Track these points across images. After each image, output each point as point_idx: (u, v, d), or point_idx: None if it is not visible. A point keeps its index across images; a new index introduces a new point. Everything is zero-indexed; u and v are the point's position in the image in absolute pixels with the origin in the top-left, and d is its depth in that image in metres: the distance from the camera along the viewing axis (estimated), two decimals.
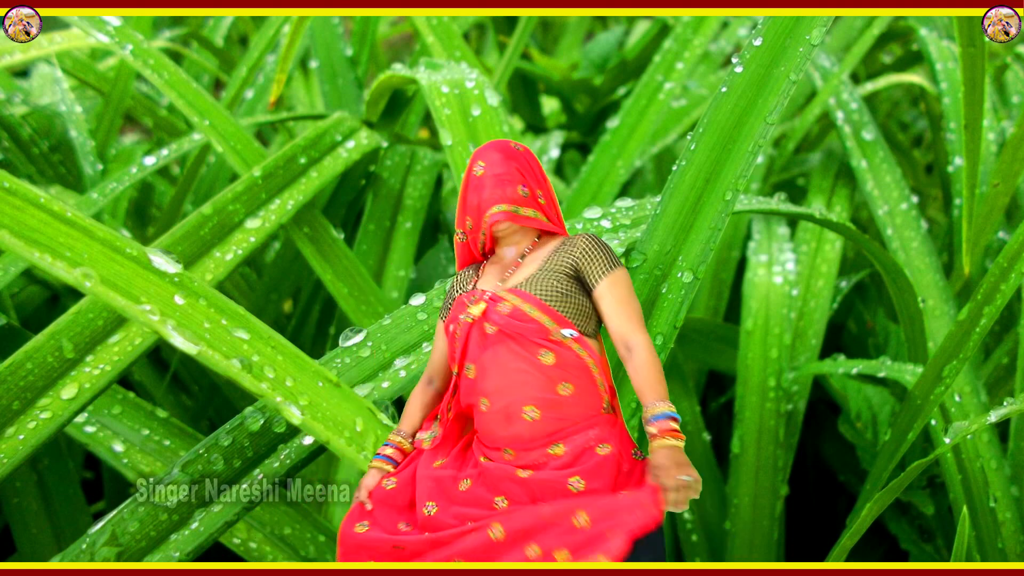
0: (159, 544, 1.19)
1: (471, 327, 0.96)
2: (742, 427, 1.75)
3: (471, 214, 0.96)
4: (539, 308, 0.94)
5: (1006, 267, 1.35)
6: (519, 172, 0.96)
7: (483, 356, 0.94)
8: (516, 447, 0.93)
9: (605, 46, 2.54)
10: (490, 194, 0.94)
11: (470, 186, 0.96)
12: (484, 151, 0.97)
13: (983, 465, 1.55)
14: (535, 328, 0.94)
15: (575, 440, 0.93)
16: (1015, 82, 2.34)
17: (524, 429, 0.93)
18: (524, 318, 0.94)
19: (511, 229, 0.97)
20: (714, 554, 1.76)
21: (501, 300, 0.95)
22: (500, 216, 0.94)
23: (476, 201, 0.95)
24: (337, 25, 2.21)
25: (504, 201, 0.94)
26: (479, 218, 0.95)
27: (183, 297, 1.10)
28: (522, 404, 0.93)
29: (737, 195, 1.20)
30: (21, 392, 1.24)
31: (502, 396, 0.93)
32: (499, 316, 0.94)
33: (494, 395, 0.94)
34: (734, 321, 1.92)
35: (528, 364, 0.93)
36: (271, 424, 1.22)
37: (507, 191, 0.94)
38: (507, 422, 0.93)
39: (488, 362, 0.94)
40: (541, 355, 0.93)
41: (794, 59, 1.20)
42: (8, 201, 1.03)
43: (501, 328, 0.94)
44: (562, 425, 0.93)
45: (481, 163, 0.95)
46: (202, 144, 1.94)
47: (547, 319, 0.94)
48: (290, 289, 2.01)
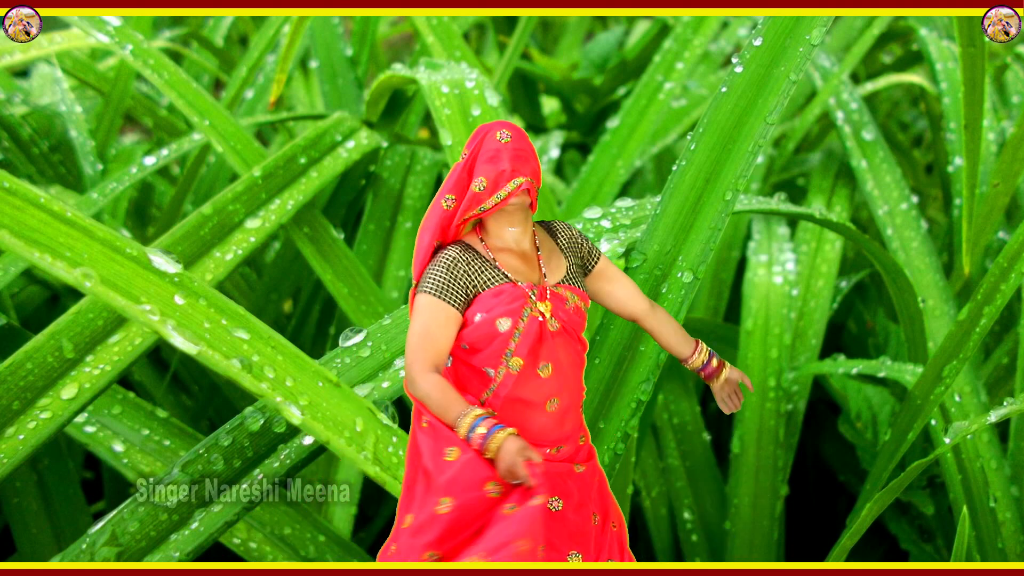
0: (159, 544, 1.19)
1: (541, 325, 0.94)
2: (742, 427, 1.75)
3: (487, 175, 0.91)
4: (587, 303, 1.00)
5: (1006, 267, 1.35)
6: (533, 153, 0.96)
7: (556, 354, 0.94)
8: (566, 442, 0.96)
9: (605, 46, 2.54)
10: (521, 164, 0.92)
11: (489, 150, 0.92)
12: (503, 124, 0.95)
13: (983, 465, 1.55)
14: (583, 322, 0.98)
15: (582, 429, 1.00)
16: (1015, 82, 2.34)
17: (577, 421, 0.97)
18: (583, 315, 0.98)
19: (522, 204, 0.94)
20: (714, 554, 1.77)
21: (565, 298, 0.96)
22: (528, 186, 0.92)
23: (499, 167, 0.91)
24: (337, 25, 2.21)
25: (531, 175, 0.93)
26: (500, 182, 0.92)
27: (183, 297, 1.10)
28: (579, 397, 0.97)
29: (737, 195, 1.20)
30: (21, 392, 1.24)
31: (570, 393, 0.95)
32: (565, 313, 0.95)
33: (565, 392, 0.95)
34: (734, 321, 1.92)
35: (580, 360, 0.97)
36: (271, 424, 1.22)
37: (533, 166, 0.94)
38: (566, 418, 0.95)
39: (562, 360, 0.94)
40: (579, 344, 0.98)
41: (794, 59, 1.20)
42: (8, 201, 1.03)
43: (564, 325, 0.95)
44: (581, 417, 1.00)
45: (507, 132, 0.93)
46: (202, 144, 1.94)
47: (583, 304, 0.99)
48: (290, 289, 2.01)
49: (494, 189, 0.92)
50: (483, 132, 0.93)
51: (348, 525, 1.60)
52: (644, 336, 1.20)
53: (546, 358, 0.94)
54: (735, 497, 1.71)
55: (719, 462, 1.83)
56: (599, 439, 1.19)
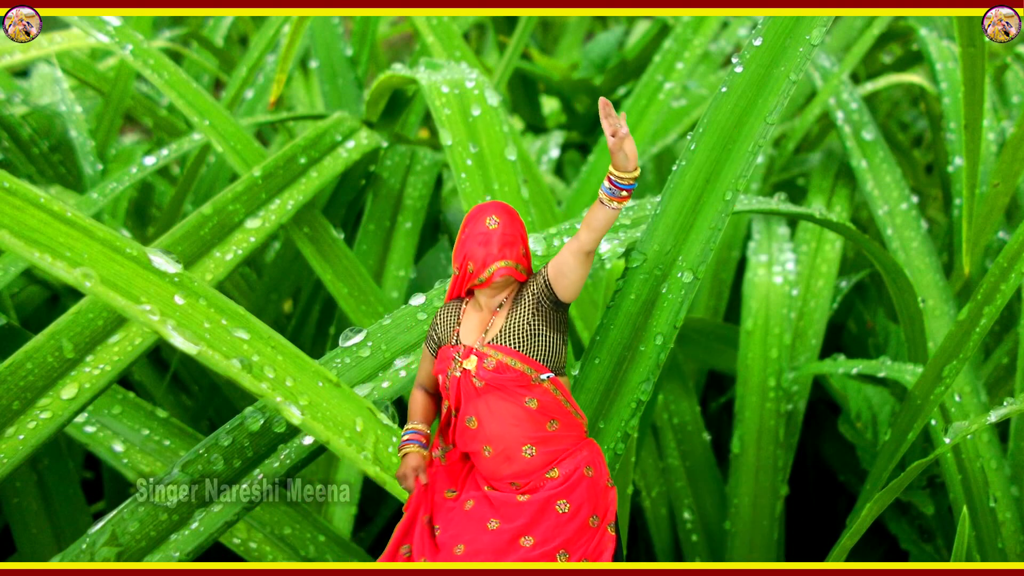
0: (159, 544, 1.19)
1: (460, 382, 1.05)
2: (742, 427, 1.75)
3: (474, 261, 1.05)
4: (519, 359, 1.04)
5: (1006, 267, 1.35)
6: (521, 235, 1.07)
7: (479, 408, 1.05)
8: (520, 479, 1.05)
9: (605, 46, 2.54)
10: (499, 250, 1.04)
11: (478, 236, 1.05)
12: (494, 208, 1.06)
13: (983, 465, 1.55)
14: (516, 376, 1.04)
15: (567, 464, 1.05)
16: (1015, 82, 2.34)
17: (525, 464, 1.05)
18: (507, 371, 1.04)
19: (504, 281, 1.06)
20: (714, 554, 1.77)
21: (486, 356, 1.05)
22: (505, 271, 1.04)
23: (483, 253, 1.04)
24: (337, 25, 2.21)
25: (510, 258, 1.05)
26: (483, 267, 1.05)
27: (183, 297, 1.10)
28: (520, 445, 1.04)
29: (737, 195, 1.20)
30: (21, 392, 1.24)
31: (501, 441, 1.04)
32: (485, 372, 1.04)
33: (495, 441, 1.04)
34: (734, 321, 1.92)
35: (518, 409, 1.04)
36: (271, 424, 1.22)
37: (513, 251, 1.05)
38: (509, 462, 1.05)
39: (483, 413, 1.05)
40: (527, 401, 1.04)
41: (794, 59, 1.20)
42: (8, 201, 1.03)
43: (488, 382, 1.04)
44: (556, 455, 1.05)
45: (495, 219, 1.05)
46: (202, 144, 1.94)
47: (526, 367, 1.04)
48: (290, 289, 2.01)
49: (481, 270, 1.04)
50: (475, 215, 1.06)
51: (348, 525, 1.60)
52: (644, 336, 1.20)
53: (470, 412, 1.05)
54: (735, 497, 1.71)
55: (719, 462, 1.83)
56: (600, 439, 1.19)
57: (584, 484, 1.04)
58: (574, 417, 1.07)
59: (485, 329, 1.07)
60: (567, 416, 1.06)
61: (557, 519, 1.03)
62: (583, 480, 1.04)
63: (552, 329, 1.06)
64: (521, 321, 1.05)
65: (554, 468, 1.04)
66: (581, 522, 1.04)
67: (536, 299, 1.05)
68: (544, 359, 1.05)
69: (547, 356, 1.05)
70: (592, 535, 1.04)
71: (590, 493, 1.04)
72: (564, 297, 1.05)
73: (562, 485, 1.04)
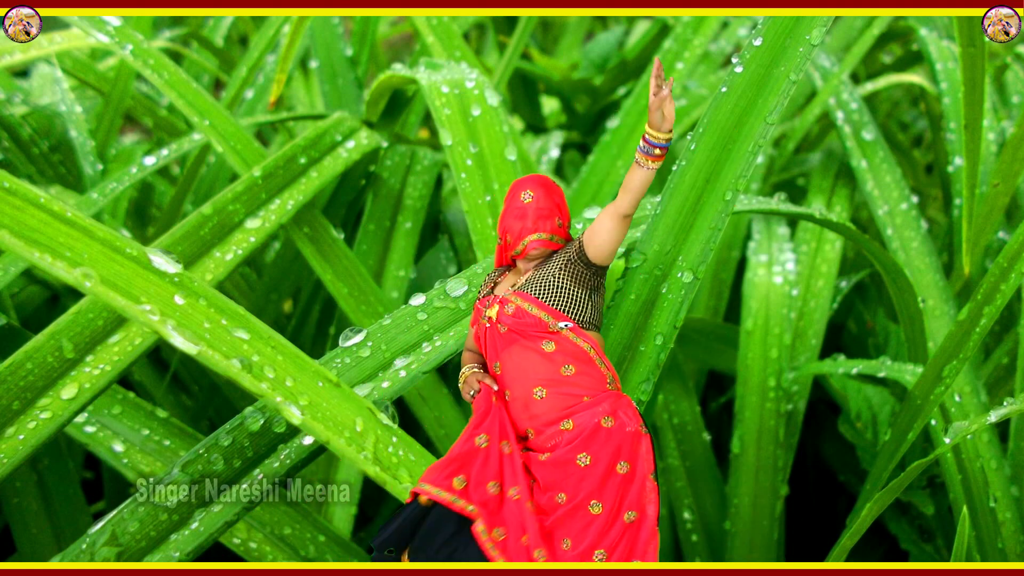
0: (159, 544, 1.19)
1: (488, 329, 1.09)
2: (742, 427, 1.75)
3: (511, 233, 1.10)
4: (536, 305, 1.07)
5: (1006, 267, 1.35)
6: (558, 206, 1.11)
7: (502, 354, 1.08)
8: (535, 426, 1.05)
9: (605, 46, 2.54)
10: (533, 223, 1.09)
11: (514, 210, 1.10)
12: (530, 182, 1.11)
13: (983, 465, 1.55)
14: (535, 322, 1.06)
15: (583, 416, 1.04)
16: (1015, 82, 2.34)
17: (537, 407, 1.05)
18: (525, 315, 1.07)
19: (541, 251, 1.10)
20: (714, 554, 1.77)
21: (508, 302, 1.08)
22: (538, 243, 1.09)
23: (519, 226, 1.09)
24: (337, 25, 2.21)
25: (543, 231, 1.09)
26: (519, 239, 1.09)
27: (183, 297, 1.10)
28: (532, 387, 1.06)
29: (737, 195, 1.20)
30: (21, 392, 1.24)
31: (518, 384, 1.06)
32: (507, 317, 1.08)
33: (512, 385, 1.07)
34: (734, 321, 1.92)
35: (534, 353, 1.06)
36: (271, 424, 1.22)
37: (547, 223, 1.09)
38: (525, 406, 1.06)
39: (506, 358, 1.08)
40: (543, 344, 1.06)
41: (794, 59, 1.20)
42: (8, 201, 1.02)
43: (510, 327, 1.07)
44: (571, 401, 1.05)
45: (530, 193, 1.10)
46: (202, 144, 1.94)
47: (544, 314, 1.07)
48: (290, 289, 2.01)
49: (516, 241, 1.10)
50: (514, 189, 1.11)
51: (348, 525, 1.60)
52: (644, 336, 1.20)
53: (494, 358, 1.09)
54: (735, 497, 1.71)
55: (719, 462, 1.83)
56: None
57: (602, 433, 1.03)
58: (595, 364, 1.06)
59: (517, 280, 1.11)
60: (586, 363, 1.06)
61: (579, 472, 1.02)
62: (599, 430, 1.03)
63: (578, 285, 1.08)
64: (546, 273, 1.08)
65: (568, 420, 1.04)
66: (605, 470, 1.02)
67: (567, 257, 1.08)
68: (565, 309, 1.07)
69: (569, 307, 1.07)
70: (625, 483, 1.03)
71: (610, 440, 1.03)
72: (595, 258, 1.07)
73: (577, 438, 1.03)
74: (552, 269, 1.08)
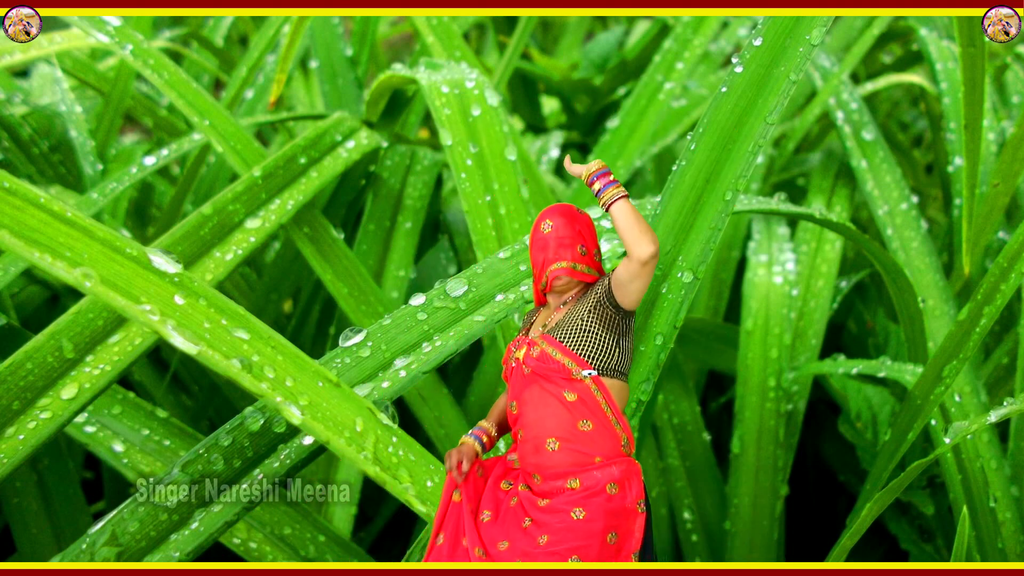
0: (159, 544, 1.19)
1: (514, 370, 1.08)
2: (742, 427, 1.75)
3: (536, 266, 1.09)
4: (561, 351, 1.05)
5: (1006, 267, 1.35)
6: (580, 233, 1.08)
7: (523, 394, 1.06)
8: (542, 474, 1.04)
9: (605, 46, 2.54)
10: (554, 253, 1.07)
11: (537, 242, 1.09)
12: (551, 212, 1.09)
13: (983, 465, 1.55)
14: (558, 368, 1.05)
15: (592, 476, 1.03)
16: (1015, 82, 2.34)
17: (547, 459, 1.04)
18: (549, 360, 1.05)
19: (567, 282, 1.08)
20: (714, 554, 1.77)
21: (535, 345, 1.07)
22: (560, 272, 1.07)
23: (541, 258, 1.08)
24: (337, 25, 2.21)
25: (564, 259, 1.07)
26: (542, 271, 1.08)
27: (183, 297, 1.10)
28: (546, 437, 1.04)
29: (737, 195, 1.20)
30: (21, 392, 1.24)
31: (532, 428, 1.05)
32: (532, 360, 1.06)
33: (527, 428, 1.05)
34: (734, 321, 1.92)
35: (555, 401, 1.05)
36: (271, 424, 1.22)
37: (568, 251, 1.07)
38: (535, 451, 1.05)
39: (525, 399, 1.06)
40: (566, 393, 1.04)
41: (794, 59, 1.20)
42: (8, 201, 1.02)
43: (533, 370, 1.06)
44: (582, 459, 1.03)
45: (549, 223, 1.08)
46: (202, 144, 1.94)
47: (567, 360, 1.05)
48: (290, 289, 2.01)
49: (540, 274, 1.09)
50: (536, 222, 1.10)
51: (348, 525, 1.60)
52: (644, 336, 1.20)
53: (514, 397, 1.07)
54: (735, 497, 1.71)
55: (719, 462, 1.83)
56: None
57: (602, 498, 1.01)
58: (611, 425, 1.04)
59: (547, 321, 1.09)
60: (603, 421, 1.04)
61: (570, 523, 1.01)
62: (602, 494, 1.02)
63: (606, 329, 1.05)
64: (575, 316, 1.06)
65: (576, 479, 1.03)
66: (595, 534, 1.01)
67: (597, 298, 1.06)
68: (590, 356, 1.04)
69: (594, 354, 1.04)
70: (610, 555, 1.01)
71: (608, 509, 1.01)
72: (624, 304, 1.05)
73: (578, 495, 1.02)
74: (581, 312, 1.06)
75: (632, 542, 1.03)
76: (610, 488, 1.02)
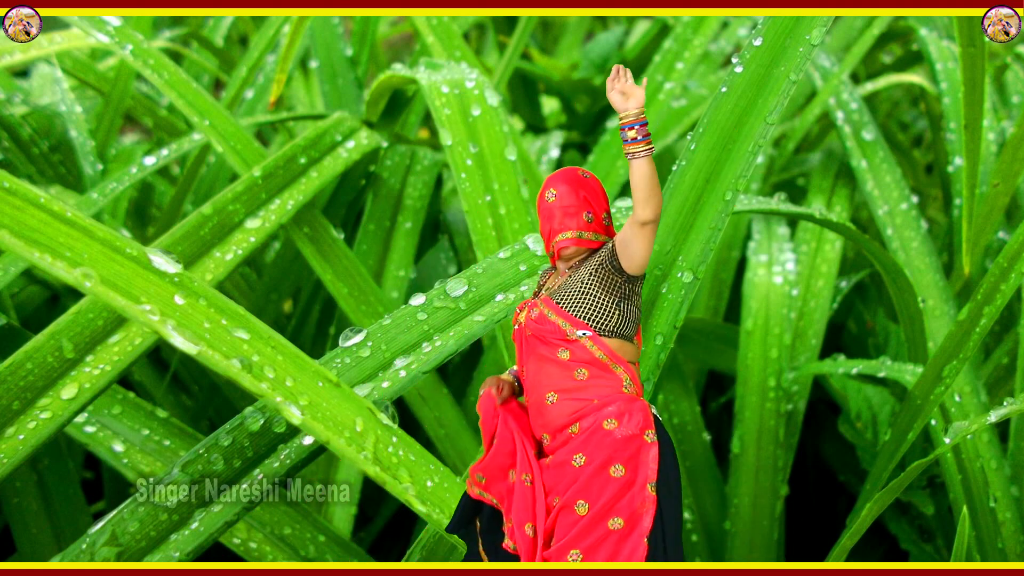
0: (159, 544, 1.19)
1: (517, 333, 1.08)
2: (742, 427, 1.75)
3: (543, 235, 1.08)
4: (556, 312, 1.04)
5: (1006, 267, 1.35)
6: (586, 200, 1.07)
7: (526, 359, 1.06)
8: (548, 431, 1.03)
9: (605, 46, 2.54)
10: (560, 223, 1.06)
11: (543, 212, 1.08)
12: (555, 180, 1.08)
13: (983, 465, 1.55)
14: (553, 329, 1.04)
15: (589, 419, 1.01)
16: (1015, 82, 2.34)
17: (549, 413, 1.03)
18: (545, 321, 1.05)
19: (575, 250, 1.07)
20: (714, 554, 1.77)
21: (535, 306, 1.07)
22: (566, 242, 1.06)
23: (548, 228, 1.07)
24: (337, 25, 2.21)
25: (570, 229, 1.06)
26: (548, 241, 1.07)
27: (183, 297, 1.10)
28: (545, 392, 1.03)
29: (737, 195, 1.20)
30: (21, 392, 1.24)
31: (534, 391, 1.05)
32: (530, 322, 1.06)
33: (530, 392, 1.05)
34: (734, 321, 1.92)
35: (550, 360, 1.04)
36: (271, 424, 1.22)
37: (574, 220, 1.06)
38: (539, 412, 1.04)
39: (528, 364, 1.06)
40: (559, 352, 1.04)
41: (794, 59, 1.20)
42: (8, 201, 1.02)
43: (533, 332, 1.05)
44: (581, 405, 1.02)
45: (553, 191, 1.07)
46: (202, 144, 1.94)
47: (562, 321, 1.04)
48: (290, 289, 2.01)
49: (548, 243, 1.07)
50: (542, 189, 1.08)
51: (348, 525, 1.60)
52: (644, 336, 1.20)
53: (521, 363, 1.07)
54: (735, 497, 1.71)
55: (719, 462, 1.83)
56: None
57: (600, 434, 1.00)
58: (610, 369, 1.02)
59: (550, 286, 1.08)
60: (601, 367, 1.02)
61: (573, 473, 1.00)
62: (599, 431, 1.00)
63: (606, 292, 1.04)
64: (575, 279, 1.05)
65: (575, 424, 1.01)
66: (596, 470, 0.99)
67: (599, 261, 1.05)
68: (587, 317, 1.03)
69: (592, 315, 1.03)
70: (618, 487, 0.99)
71: (607, 442, 0.99)
72: (628, 268, 1.03)
73: (577, 439, 1.00)
74: (583, 274, 1.05)
75: (645, 472, 1.00)
76: (607, 423, 1.00)
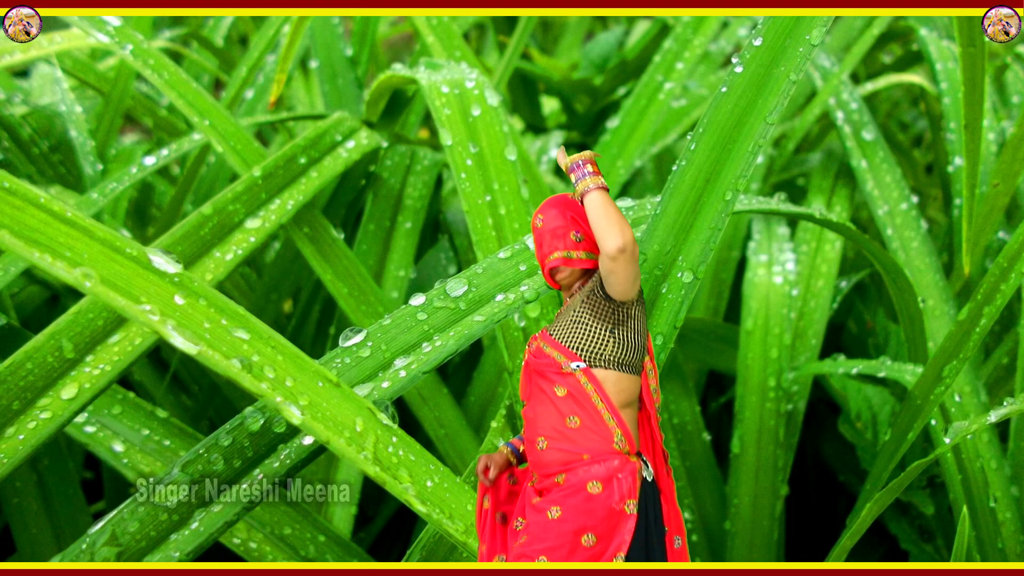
0: (159, 544, 1.19)
1: (524, 368, 1.06)
2: (742, 427, 1.75)
3: (539, 263, 1.07)
4: (551, 345, 1.03)
5: (1006, 267, 1.35)
6: (573, 219, 1.04)
7: (526, 392, 1.05)
8: (538, 472, 1.02)
9: (605, 46, 2.54)
10: (549, 245, 1.05)
11: (534, 241, 1.06)
12: (544, 206, 1.06)
13: (983, 465, 1.55)
14: (549, 363, 1.02)
15: (577, 474, 0.99)
16: (1015, 82, 2.34)
17: (539, 457, 1.02)
18: (543, 355, 1.03)
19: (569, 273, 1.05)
20: (714, 554, 1.77)
21: (535, 340, 1.05)
22: (556, 263, 1.04)
23: (540, 254, 1.06)
24: (337, 25, 2.21)
25: (558, 249, 1.04)
26: (542, 266, 1.06)
27: (183, 297, 1.10)
28: (537, 435, 1.02)
29: (737, 195, 1.20)
30: (21, 392, 1.24)
31: (530, 429, 1.03)
32: (531, 356, 1.05)
33: (526, 426, 1.04)
34: (734, 321, 1.92)
35: (548, 397, 1.02)
36: (271, 424, 1.22)
37: (561, 241, 1.04)
38: (531, 451, 1.03)
39: (528, 397, 1.05)
40: (556, 388, 1.01)
41: (794, 59, 1.20)
42: (8, 201, 1.02)
43: (533, 368, 1.04)
44: (569, 458, 1.00)
45: (541, 217, 1.05)
46: (202, 144, 1.94)
47: (557, 354, 1.02)
48: (290, 289, 2.01)
49: (543, 269, 1.06)
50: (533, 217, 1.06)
51: (348, 525, 1.60)
52: None
53: (524, 396, 1.06)
54: (735, 497, 1.71)
55: (719, 462, 1.83)
56: None
57: (580, 498, 0.97)
58: (602, 420, 1.00)
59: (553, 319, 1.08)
60: (592, 416, 0.99)
61: (545, 522, 0.97)
62: (580, 493, 0.97)
63: (597, 318, 1.01)
64: (570, 308, 1.04)
65: (562, 475, 0.99)
66: (565, 534, 0.96)
67: (591, 288, 1.03)
68: (578, 348, 1.01)
69: (584, 345, 1.01)
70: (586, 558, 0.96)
71: (586, 508, 0.96)
72: (614, 296, 1.00)
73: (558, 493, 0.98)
74: (576, 302, 1.03)
75: (615, 545, 0.97)
76: (591, 487, 0.97)
